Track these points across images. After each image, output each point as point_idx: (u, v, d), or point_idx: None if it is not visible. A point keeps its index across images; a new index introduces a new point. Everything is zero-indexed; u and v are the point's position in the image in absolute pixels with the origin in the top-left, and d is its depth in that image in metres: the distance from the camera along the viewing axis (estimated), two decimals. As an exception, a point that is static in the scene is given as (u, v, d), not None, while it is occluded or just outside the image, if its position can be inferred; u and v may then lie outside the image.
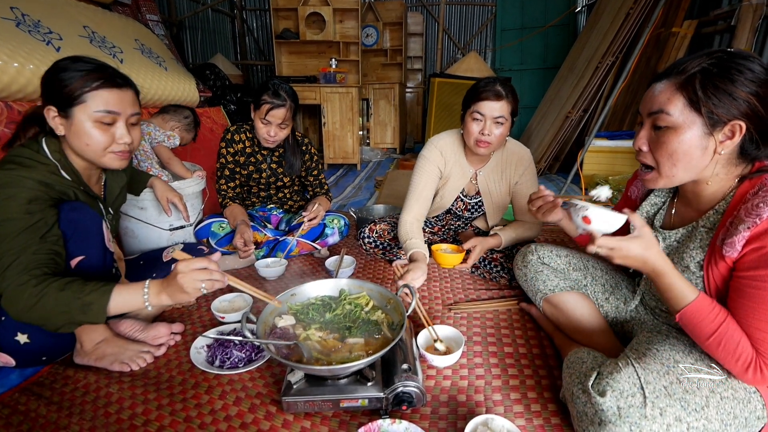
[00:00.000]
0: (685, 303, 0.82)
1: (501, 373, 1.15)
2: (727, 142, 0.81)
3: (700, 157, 0.83)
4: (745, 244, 0.77)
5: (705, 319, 0.80)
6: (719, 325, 0.80)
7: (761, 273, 0.75)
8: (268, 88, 1.71)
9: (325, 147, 4.53)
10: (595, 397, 0.80)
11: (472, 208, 1.76)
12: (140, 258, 1.52)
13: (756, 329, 0.77)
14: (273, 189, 2.00)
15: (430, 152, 1.64)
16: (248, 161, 1.90)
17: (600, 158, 3.28)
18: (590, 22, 4.36)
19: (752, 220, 0.75)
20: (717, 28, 3.06)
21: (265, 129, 1.75)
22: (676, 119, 0.82)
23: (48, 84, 1.02)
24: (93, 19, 2.39)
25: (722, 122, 0.79)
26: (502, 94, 1.46)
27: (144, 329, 1.26)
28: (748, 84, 0.77)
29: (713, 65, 0.79)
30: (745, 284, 0.78)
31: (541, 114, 4.55)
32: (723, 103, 0.78)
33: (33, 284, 0.90)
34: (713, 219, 0.87)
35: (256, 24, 6.86)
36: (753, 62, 0.78)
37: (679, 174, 0.86)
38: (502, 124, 1.49)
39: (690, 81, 0.80)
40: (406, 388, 0.95)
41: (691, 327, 0.83)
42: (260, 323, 1.04)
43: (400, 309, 1.08)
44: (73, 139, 1.04)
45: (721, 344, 0.79)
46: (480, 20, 6.59)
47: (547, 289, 1.28)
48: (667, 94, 0.83)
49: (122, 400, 1.04)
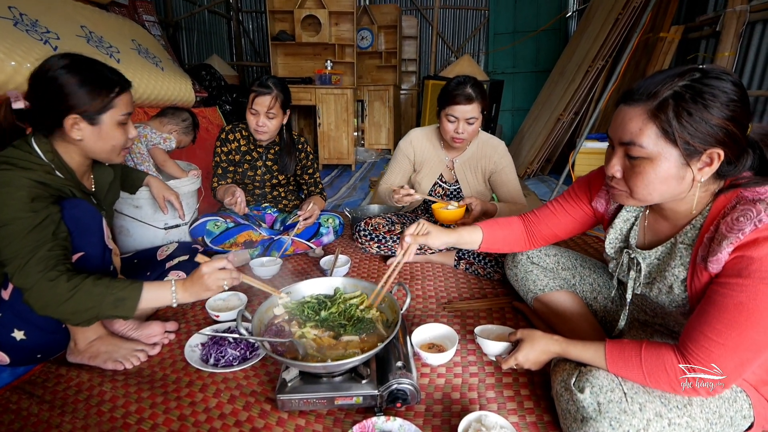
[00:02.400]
0: (602, 358, 0.85)
1: (494, 370, 1.17)
2: (706, 169, 0.76)
3: (677, 185, 0.78)
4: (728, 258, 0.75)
5: (627, 360, 0.81)
6: (640, 353, 0.80)
7: (732, 281, 0.72)
8: (256, 81, 1.78)
9: (320, 148, 4.53)
10: (576, 394, 0.81)
11: (452, 194, 1.88)
12: (134, 256, 1.51)
13: (700, 333, 0.74)
14: (268, 186, 2.01)
15: (403, 142, 1.89)
16: (243, 159, 1.92)
17: (591, 160, 3.33)
18: (581, 27, 4.42)
19: (735, 236, 0.72)
20: (703, 34, 3.13)
21: (254, 119, 1.79)
22: (651, 151, 0.76)
23: (59, 93, 1.01)
24: (90, 19, 2.38)
25: (699, 152, 0.74)
26: (473, 97, 1.61)
27: (138, 327, 1.26)
28: (723, 109, 0.71)
29: (686, 88, 0.72)
30: (715, 290, 0.75)
31: (533, 116, 4.60)
32: (699, 132, 0.72)
33: (65, 279, 0.93)
34: (691, 235, 0.83)
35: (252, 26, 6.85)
36: (726, 82, 0.72)
37: (656, 199, 0.82)
38: (473, 123, 1.65)
39: (662, 108, 0.73)
40: (400, 385, 0.96)
41: (629, 378, 0.82)
42: (255, 320, 1.05)
43: (395, 306, 1.10)
44: (98, 143, 1.08)
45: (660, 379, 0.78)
46: (473, 24, 6.65)
47: (537, 288, 1.29)
48: (638, 123, 0.76)
49: (115, 399, 1.04)
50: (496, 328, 1.24)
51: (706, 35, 3.09)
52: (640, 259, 0.93)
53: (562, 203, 1.15)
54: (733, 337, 0.71)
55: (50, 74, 1.00)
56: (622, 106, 0.81)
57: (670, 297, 0.88)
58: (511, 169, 1.84)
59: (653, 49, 3.45)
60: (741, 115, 0.73)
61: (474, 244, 1.17)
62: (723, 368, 0.73)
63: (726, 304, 0.72)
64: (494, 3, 6.28)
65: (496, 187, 1.86)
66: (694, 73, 0.73)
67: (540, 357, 0.97)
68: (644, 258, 0.93)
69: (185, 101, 2.89)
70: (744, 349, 0.72)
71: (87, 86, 1.02)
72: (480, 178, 1.85)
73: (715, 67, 0.74)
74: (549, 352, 0.96)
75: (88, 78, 1.02)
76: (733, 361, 0.73)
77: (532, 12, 6.10)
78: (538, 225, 1.18)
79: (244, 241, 1.87)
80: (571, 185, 1.16)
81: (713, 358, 0.73)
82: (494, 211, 1.70)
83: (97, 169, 1.25)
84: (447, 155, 1.85)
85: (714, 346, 0.73)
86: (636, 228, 0.98)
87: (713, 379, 0.74)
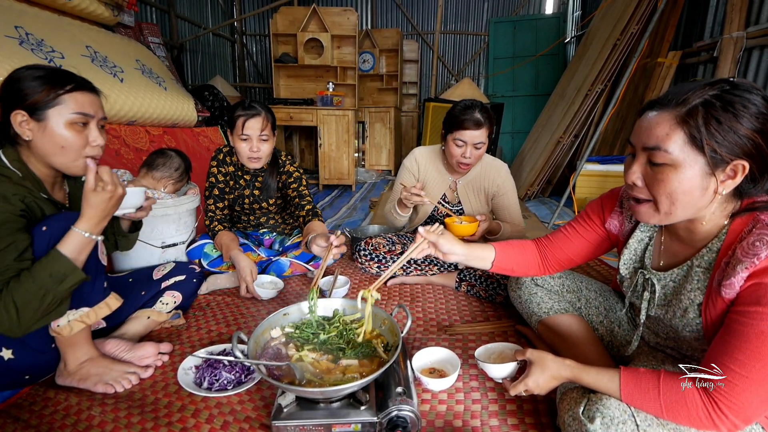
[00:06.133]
0: (616, 387, 0.80)
1: (498, 397, 1.12)
2: (728, 182, 0.75)
3: (700, 197, 0.77)
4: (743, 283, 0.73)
5: (644, 391, 0.77)
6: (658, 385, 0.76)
7: (751, 309, 0.70)
8: (238, 106, 1.67)
9: (320, 168, 4.56)
10: (586, 425, 0.78)
11: (455, 214, 1.85)
12: (129, 275, 1.49)
13: (722, 365, 0.71)
14: (262, 216, 1.95)
15: (408, 160, 1.89)
16: (234, 187, 1.85)
17: (591, 182, 3.34)
18: (579, 52, 4.52)
19: (750, 260, 0.71)
20: (700, 59, 3.18)
21: (247, 146, 1.65)
22: (676, 157, 0.75)
23: (14, 88, 1.00)
24: (95, 40, 2.43)
25: (725, 162, 0.73)
26: (482, 122, 1.61)
27: (131, 349, 1.23)
28: (753, 120, 0.71)
29: (716, 98, 0.72)
30: (734, 319, 0.73)
31: (533, 139, 4.64)
32: (727, 141, 0.71)
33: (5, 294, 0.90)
34: (708, 258, 0.82)
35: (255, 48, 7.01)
36: (757, 95, 0.72)
37: (677, 213, 0.80)
38: (480, 148, 1.65)
39: (691, 115, 0.73)
40: (400, 412, 0.92)
41: (639, 405, 0.78)
42: (251, 343, 1.02)
43: (395, 330, 1.07)
44: (46, 143, 1.03)
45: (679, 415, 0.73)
46: (473, 48, 6.81)
47: (541, 311, 1.26)
48: (665, 128, 0.75)
49: (104, 424, 1.00)
50: (496, 346, 1.18)
51: (704, 61, 3.15)
52: (655, 281, 0.91)
53: (575, 226, 1.13)
54: (758, 369, 0.68)
55: (12, 76, 1.01)
56: (647, 113, 0.80)
57: (684, 321, 0.85)
58: (513, 192, 1.84)
59: (651, 73, 3.52)
60: None
61: (485, 261, 1.13)
62: (748, 403, 0.69)
63: (747, 333, 0.69)
64: (494, 28, 6.45)
65: (497, 209, 1.86)
66: (724, 85, 0.73)
67: (550, 383, 0.92)
68: (659, 279, 0.91)
69: (187, 120, 2.91)
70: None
71: (37, 79, 1.00)
72: (483, 200, 1.85)
73: (745, 81, 0.75)
74: (560, 378, 0.90)
75: (42, 73, 1.01)
76: (759, 396, 0.69)
77: (531, 38, 6.25)
78: (552, 249, 1.15)
79: (242, 260, 1.85)
80: (584, 209, 1.15)
81: (737, 392, 0.69)
82: (498, 230, 1.69)
83: (72, 182, 1.21)
84: (450, 176, 1.85)
85: (737, 378, 0.69)
86: (651, 249, 0.96)
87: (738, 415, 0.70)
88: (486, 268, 1.14)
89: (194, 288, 1.56)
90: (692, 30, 3.46)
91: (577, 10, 5.89)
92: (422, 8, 6.73)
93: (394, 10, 6.77)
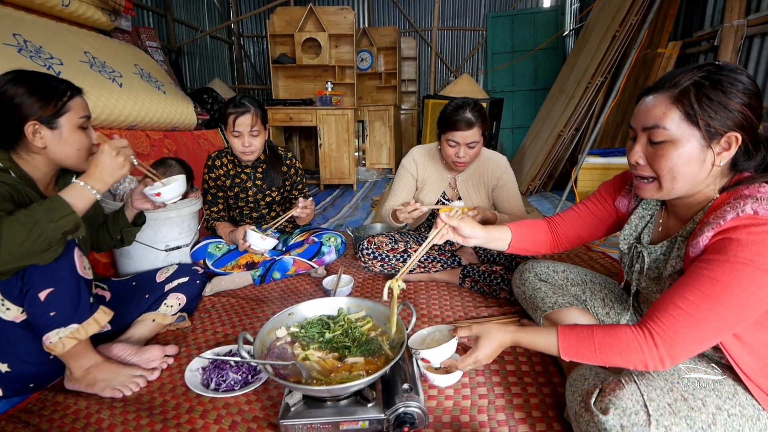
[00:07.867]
0: (555, 345, 0.86)
1: (504, 391, 1.13)
2: (724, 154, 0.81)
3: (699, 169, 0.83)
4: (707, 241, 0.79)
5: (580, 342, 0.83)
6: (592, 331, 0.83)
7: (711, 257, 0.76)
8: (230, 103, 1.75)
9: (321, 168, 4.56)
10: (598, 416, 0.78)
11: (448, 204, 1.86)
12: (133, 279, 1.49)
13: (670, 302, 0.77)
14: (264, 207, 1.99)
15: (406, 160, 1.88)
16: (234, 183, 1.90)
17: (593, 175, 3.32)
18: (578, 45, 4.49)
19: (716, 222, 0.77)
20: (701, 49, 3.16)
21: (239, 141, 1.74)
22: (674, 133, 0.82)
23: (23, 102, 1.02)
24: (94, 45, 2.43)
25: (719, 134, 0.80)
26: (473, 122, 1.59)
27: (137, 352, 1.23)
28: (740, 95, 0.78)
29: (705, 78, 0.80)
30: (694, 265, 0.78)
31: (534, 133, 4.63)
32: (719, 115, 0.78)
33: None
34: (690, 228, 0.88)
35: (253, 50, 7.01)
36: (741, 74, 0.79)
37: (678, 186, 0.86)
38: (474, 147, 1.63)
39: (684, 94, 0.81)
40: (407, 408, 0.93)
41: (580, 357, 0.84)
42: (257, 343, 1.02)
43: (401, 326, 1.07)
44: (63, 148, 1.09)
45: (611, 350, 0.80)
46: (471, 44, 6.78)
47: (546, 306, 1.26)
48: (661, 108, 0.83)
49: (113, 427, 1.00)
50: (427, 332, 1.13)
51: (705, 50, 3.12)
52: (645, 253, 0.96)
53: (587, 204, 1.19)
54: (702, 309, 0.74)
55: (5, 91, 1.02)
56: (644, 98, 0.88)
57: None
58: (513, 184, 1.83)
59: (652, 64, 3.49)
60: (756, 104, 0.79)
61: (503, 242, 1.17)
62: (684, 339, 0.75)
63: (701, 276, 0.75)
64: (491, 23, 6.42)
65: (499, 202, 1.85)
66: (711, 68, 0.81)
67: (496, 351, 0.96)
68: (650, 253, 0.96)
69: (187, 124, 2.92)
70: (708, 324, 0.74)
71: (37, 93, 1.03)
72: (483, 194, 1.85)
73: (729, 63, 0.82)
74: (504, 343, 0.95)
75: (36, 86, 1.04)
76: (696, 335, 0.75)
77: (529, 32, 6.22)
78: (563, 226, 1.20)
79: (246, 262, 1.86)
80: (597, 188, 1.20)
81: (677, 327, 0.75)
82: (494, 220, 1.69)
83: (63, 182, 1.21)
84: (449, 173, 1.85)
85: (681, 314, 0.75)
86: (650, 226, 1.01)
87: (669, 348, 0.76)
88: (503, 249, 1.18)
89: (198, 290, 1.57)
90: (692, 19, 3.43)
91: (576, 2, 5.85)
92: (419, 5, 6.71)
93: (391, 7, 6.76)
